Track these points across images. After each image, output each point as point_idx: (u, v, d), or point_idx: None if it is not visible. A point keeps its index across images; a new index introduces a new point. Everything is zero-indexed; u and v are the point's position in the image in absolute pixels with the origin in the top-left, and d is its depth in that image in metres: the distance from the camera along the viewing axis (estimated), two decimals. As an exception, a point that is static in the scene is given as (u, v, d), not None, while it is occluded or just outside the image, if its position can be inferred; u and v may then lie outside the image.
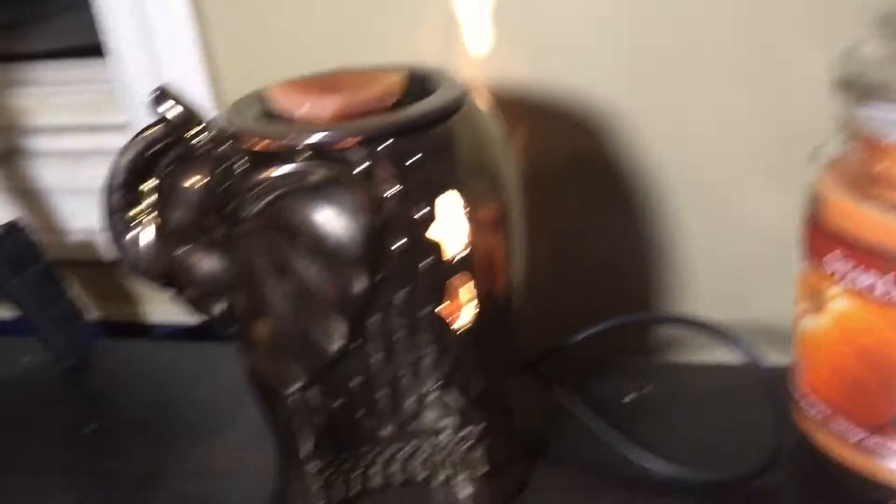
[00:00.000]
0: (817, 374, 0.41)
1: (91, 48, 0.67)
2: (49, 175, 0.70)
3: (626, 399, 0.51)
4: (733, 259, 0.56)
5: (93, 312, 0.71)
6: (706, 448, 0.46)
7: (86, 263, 0.71)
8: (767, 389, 0.44)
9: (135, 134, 0.41)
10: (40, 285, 0.60)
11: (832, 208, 0.38)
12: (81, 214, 0.71)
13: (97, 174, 0.67)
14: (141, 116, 0.63)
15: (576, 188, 0.58)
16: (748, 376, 0.46)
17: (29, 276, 0.59)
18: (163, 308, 0.74)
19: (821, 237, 0.39)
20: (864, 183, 0.37)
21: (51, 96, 0.70)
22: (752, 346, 0.44)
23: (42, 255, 0.60)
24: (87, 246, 0.71)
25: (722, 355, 0.51)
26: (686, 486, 0.44)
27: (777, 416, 0.43)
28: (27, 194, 0.70)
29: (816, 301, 0.40)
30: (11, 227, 0.59)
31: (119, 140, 0.66)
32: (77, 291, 0.66)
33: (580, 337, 0.47)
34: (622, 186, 0.57)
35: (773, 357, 0.46)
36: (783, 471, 0.43)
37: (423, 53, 0.56)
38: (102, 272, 0.72)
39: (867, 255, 0.36)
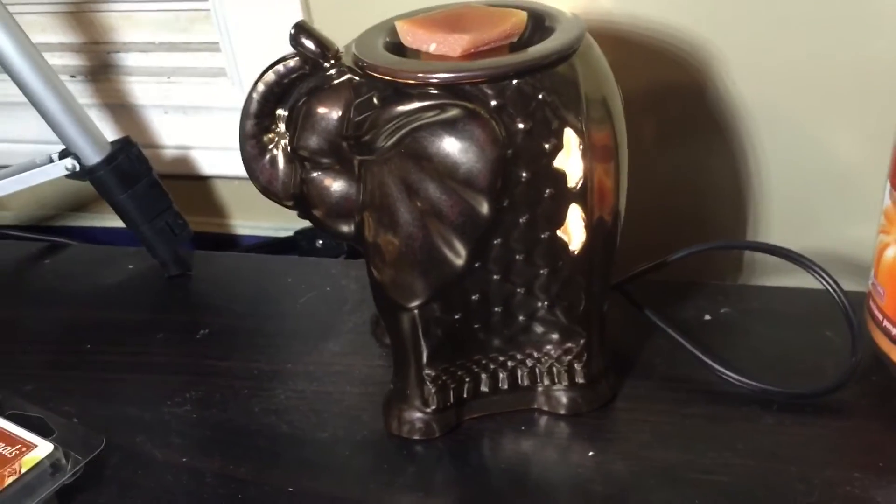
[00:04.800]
0: (899, 300, 0.44)
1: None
2: (143, 92, 0.73)
3: (707, 317, 0.54)
4: (810, 191, 0.59)
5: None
6: (783, 364, 0.50)
7: (174, 177, 0.75)
8: (845, 311, 0.48)
9: (270, 63, 0.44)
10: (148, 198, 0.63)
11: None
12: (173, 131, 0.74)
13: (190, 91, 0.71)
14: (233, 35, 0.67)
15: (654, 118, 0.61)
16: (823, 300, 0.50)
17: (139, 189, 0.63)
18: (248, 222, 0.78)
19: (911, 174, 0.42)
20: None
21: (145, 13, 0.72)
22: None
23: (151, 169, 0.64)
24: (178, 161, 0.74)
25: (797, 281, 0.55)
26: (765, 398, 0.48)
27: (855, 335, 0.47)
28: (122, 110, 0.74)
29: (903, 233, 0.43)
30: (125, 142, 0.63)
31: (211, 59, 0.70)
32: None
33: (673, 258, 0.51)
34: (701, 118, 0.59)
35: (845, 284, 0.50)
36: (859, 386, 0.47)
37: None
38: (192, 186, 0.76)
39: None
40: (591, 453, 0.46)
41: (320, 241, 0.72)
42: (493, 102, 0.40)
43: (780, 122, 0.58)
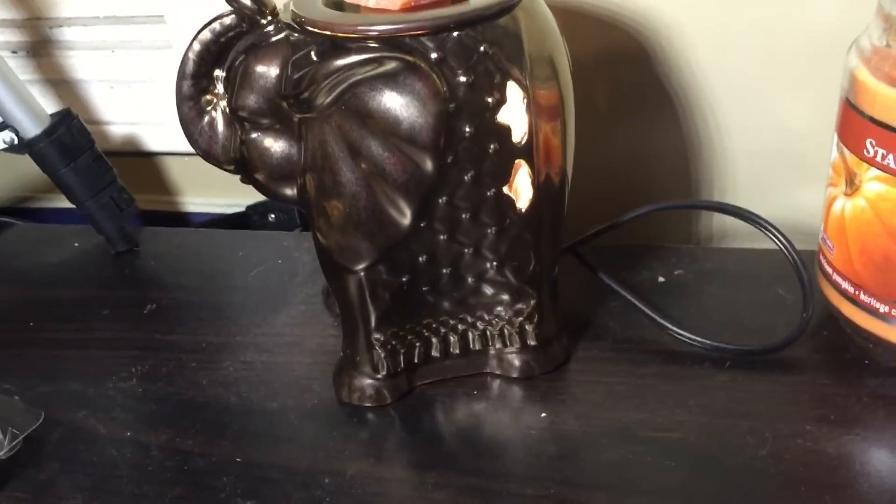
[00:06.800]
0: (848, 252, 0.44)
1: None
2: (87, 66, 0.71)
3: (661, 279, 0.54)
4: (762, 157, 0.59)
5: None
6: (736, 323, 0.50)
7: (123, 154, 0.73)
8: (797, 267, 0.47)
9: (206, 22, 0.42)
10: (91, 172, 0.62)
11: (869, 95, 0.41)
12: (119, 106, 0.72)
13: (135, 64, 0.69)
14: (178, 6, 0.65)
15: (607, 82, 0.60)
16: (775, 260, 0.50)
17: (81, 162, 0.61)
18: (199, 198, 0.76)
19: (857, 123, 0.42)
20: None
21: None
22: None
23: (93, 143, 0.62)
24: (126, 138, 0.73)
25: (750, 245, 0.55)
26: (718, 356, 0.47)
27: (806, 291, 0.47)
28: (66, 85, 0.72)
29: (850, 184, 0.43)
30: (65, 114, 0.61)
31: (156, 31, 0.68)
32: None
33: (623, 219, 0.50)
34: (654, 83, 0.59)
35: (798, 245, 0.49)
36: (811, 342, 0.47)
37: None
38: (139, 163, 0.74)
39: (903, 141, 0.39)
40: (543, 415, 0.45)
41: (272, 215, 0.71)
42: (434, 55, 0.39)
43: (733, 88, 0.57)
